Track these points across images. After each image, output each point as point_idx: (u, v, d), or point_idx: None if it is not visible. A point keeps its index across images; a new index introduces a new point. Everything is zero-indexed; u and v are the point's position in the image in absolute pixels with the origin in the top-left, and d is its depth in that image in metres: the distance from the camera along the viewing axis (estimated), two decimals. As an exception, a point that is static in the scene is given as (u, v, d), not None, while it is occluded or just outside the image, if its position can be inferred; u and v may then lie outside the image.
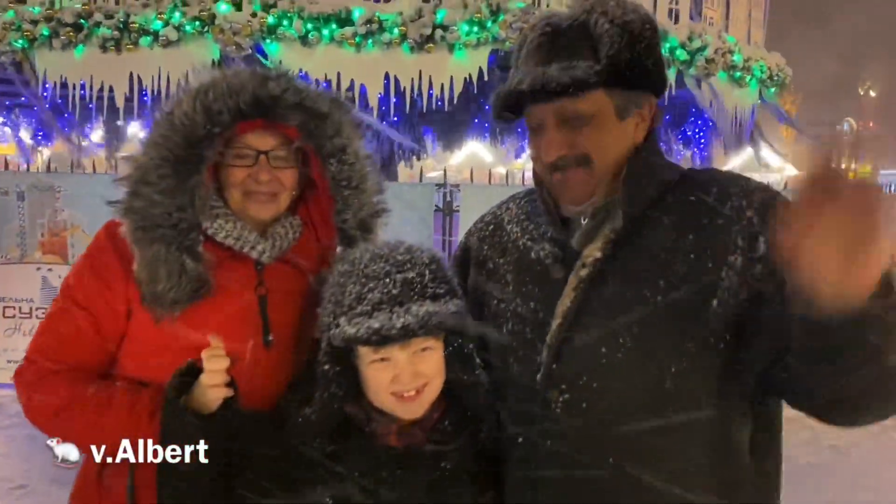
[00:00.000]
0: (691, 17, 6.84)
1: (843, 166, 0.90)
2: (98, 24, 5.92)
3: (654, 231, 1.31)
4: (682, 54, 6.29)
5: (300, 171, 1.63)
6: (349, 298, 1.33)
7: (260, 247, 1.55)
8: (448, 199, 5.44)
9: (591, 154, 1.32)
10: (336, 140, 1.61)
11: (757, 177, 1.68)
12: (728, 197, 1.29)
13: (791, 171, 19.37)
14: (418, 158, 8.76)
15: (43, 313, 5.54)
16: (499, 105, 1.39)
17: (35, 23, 6.08)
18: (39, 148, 10.35)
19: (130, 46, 5.90)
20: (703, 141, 8.19)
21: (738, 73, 6.82)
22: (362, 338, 1.29)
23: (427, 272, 1.35)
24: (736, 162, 9.67)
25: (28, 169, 7.12)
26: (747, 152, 8.84)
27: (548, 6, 6.12)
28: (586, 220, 1.37)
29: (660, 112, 1.39)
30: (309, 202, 1.69)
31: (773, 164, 10.43)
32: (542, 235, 1.43)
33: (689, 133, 8.25)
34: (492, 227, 1.58)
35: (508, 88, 1.35)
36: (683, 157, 8.33)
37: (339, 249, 1.68)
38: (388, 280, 1.32)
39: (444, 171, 6.06)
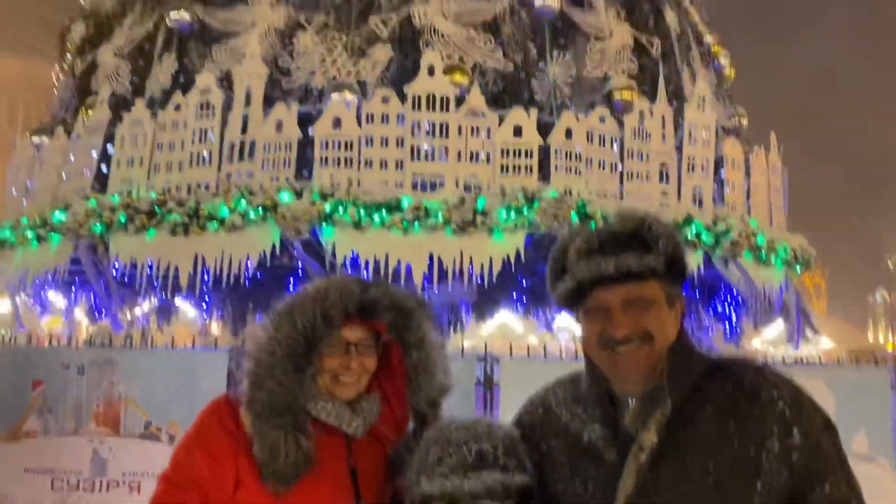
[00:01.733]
0: (714, 201, 7.31)
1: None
2: (170, 211, 6.53)
3: (699, 417, 1.56)
4: (708, 237, 6.70)
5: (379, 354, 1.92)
6: (431, 460, 1.56)
7: (354, 423, 1.81)
8: (489, 372, 5.52)
9: (653, 333, 1.60)
10: (417, 333, 1.91)
11: (791, 350, 2.02)
12: (760, 388, 1.55)
13: (826, 343, 19.22)
14: (455, 330, 9.04)
15: (90, 486, 5.68)
16: (566, 293, 1.67)
17: (113, 210, 6.72)
18: (90, 324, 10.82)
19: (198, 231, 6.46)
20: (733, 316, 8.41)
21: (763, 254, 7.17)
22: (435, 496, 1.50)
23: (500, 446, 1.59)
24: (767, 336, 9.80)
25: (69, 343, 7.54)
26: (778, 325, 9.01)
27: (578, 196, 6.61)
28: (634, 402, 1.61)
29: (685, 308, 1.70)
30: (382, 378, 1.96)
31: (806, 337, 10.49)
32: (591, 417, 1.66)
33: (719, 309, 8.50)
34: (541, 410, 1.82)
35: (582, 276, 1.64)
36: (715, 331, 8.52)
37: (410, 424, 1.93)
38: (465, 448, 1.56)
39: (485, 344, 6.30)
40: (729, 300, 8.38)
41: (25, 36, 25.04)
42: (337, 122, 6.75)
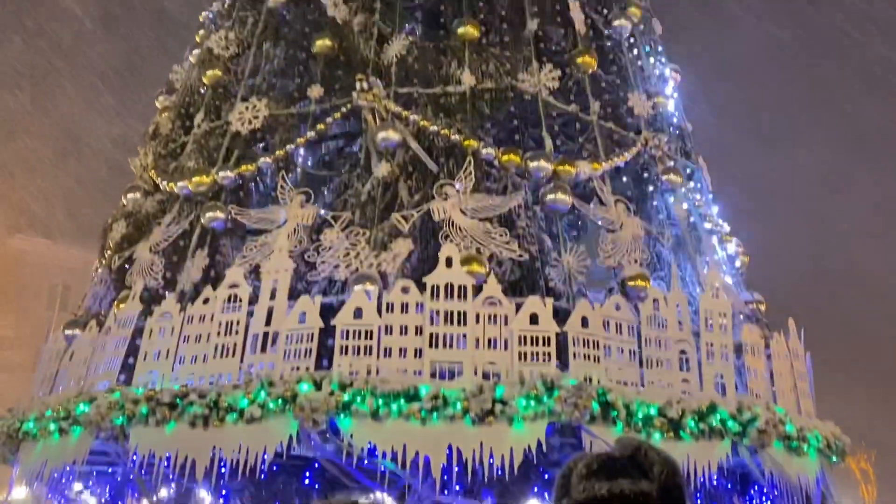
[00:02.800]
0: (737, 388, 7.21)
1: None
2: (191, 403, 6.59)
3: None
4: (734, 426, 6.54)
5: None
6: None
7: None
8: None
9: None
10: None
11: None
12: None
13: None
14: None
15: None
16: None
17: (136, 402, 6.79)
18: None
19: (217, 423, 6.47)
20: (771, 509, 7.99)
21: (795, 443, 6.94)
22: None
23: None
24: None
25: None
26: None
27: (598, 383, 6.58)
28: None
29: None
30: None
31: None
32: None
33: (755, 502, 8.08)
34: None
35: (578, 498, 1.74)
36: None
37: None
38: None
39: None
40: (765, 490, 7.99)
41: (64, 223, 26.73)
42: (358, 312, 6.94)
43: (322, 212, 8.12)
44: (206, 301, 7.42)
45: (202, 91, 9.82)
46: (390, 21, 9.23)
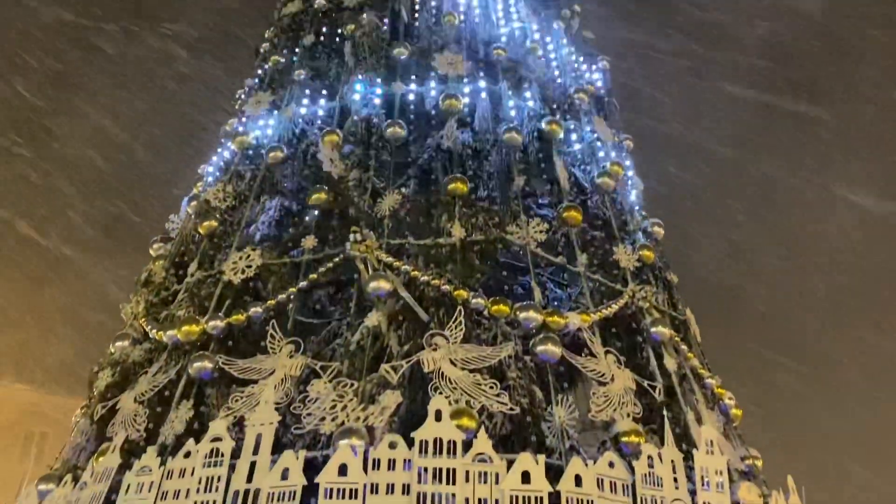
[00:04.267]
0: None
1: None
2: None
3: None
4: None
5: None
6: None
7: None
8: None
9: None
10: None
11: None
12: None
13: None
14: None
15: None
16: None
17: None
18: None
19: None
20: None
21: None
22: None
23: None
24: None
25: None
26: None
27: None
28: None
29: None
30: None
31: None
32: None
33: None
34: None
35: None
36: None
37: None
38: None
39: None
40: None
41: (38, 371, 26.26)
42: (343, 470, 6.72)
43: (310, 361, 8.05)
44: (187, 455, 7.19)
45: (196, 240, 10.02)
46: (384, 177, 9.62)
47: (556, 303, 9.58)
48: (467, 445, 6.92)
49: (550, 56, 12.79)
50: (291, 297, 8.77)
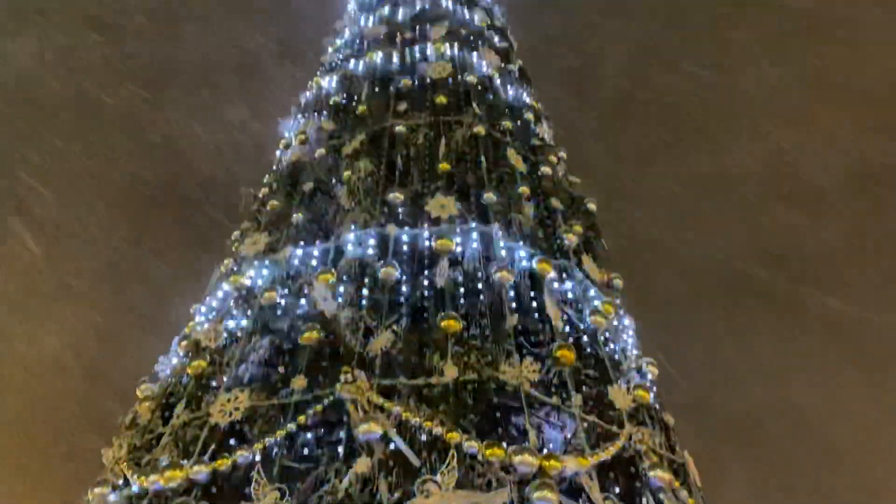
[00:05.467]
0: None
1: None
2: None
3: None
4: None
5: None
6: None
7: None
8: None
9: None
10: None
11: None
12: None
13: None
14: None
15: None
16: None
17: None
18: None
19: None
20: None
21: None
22: None
23: None
24: None
25: None
26: None
27: None
28: None
29: None
30: None
31: None
32: None
33: None
34: None
35: None
36: None
37: None
38: None
39: None
40: None
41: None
42: None
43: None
44: None
45: (184, 381, 9.85)
46: (376, 315, 9.62)
47: (551, 444, 9.32)
48: None
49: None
50: (278, 440, 8.51)
